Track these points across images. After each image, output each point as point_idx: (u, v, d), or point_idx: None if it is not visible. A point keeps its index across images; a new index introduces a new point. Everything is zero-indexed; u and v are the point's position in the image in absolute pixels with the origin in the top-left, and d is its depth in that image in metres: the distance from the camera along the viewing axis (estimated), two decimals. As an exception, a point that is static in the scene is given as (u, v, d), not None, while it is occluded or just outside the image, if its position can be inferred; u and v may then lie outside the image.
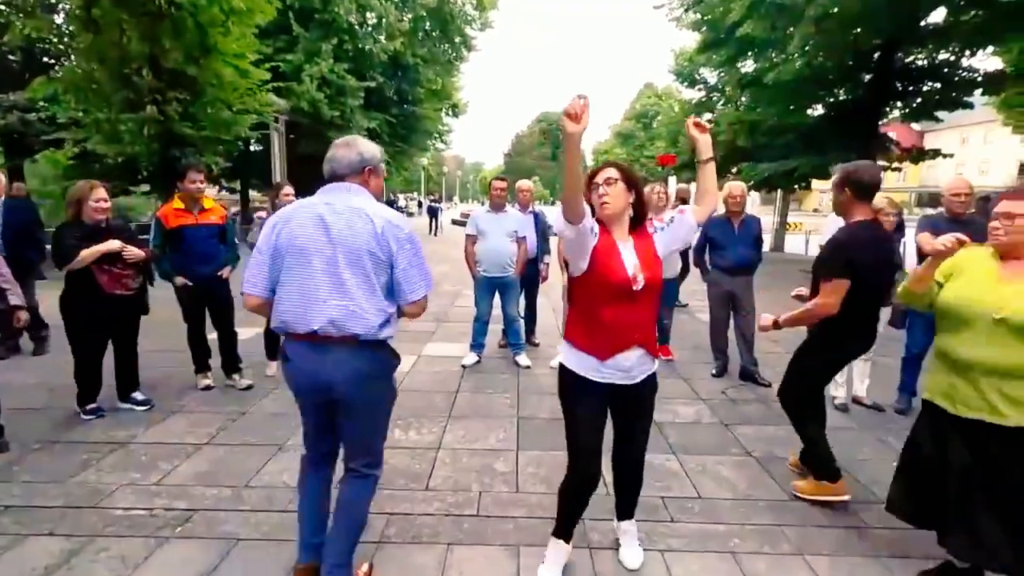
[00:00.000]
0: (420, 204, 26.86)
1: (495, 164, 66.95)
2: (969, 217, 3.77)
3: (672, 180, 20.15)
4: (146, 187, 12.90)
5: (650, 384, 2.11)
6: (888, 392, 4.13)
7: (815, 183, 16.15)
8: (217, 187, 20.00)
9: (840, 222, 5.23)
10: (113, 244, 3.48)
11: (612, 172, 1.99)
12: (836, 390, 4.10)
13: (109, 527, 2.48)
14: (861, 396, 4.16)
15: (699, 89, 18.40)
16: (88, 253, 3.39)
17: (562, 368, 2.10)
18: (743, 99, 15.35)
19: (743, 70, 14.21)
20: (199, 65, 9.51)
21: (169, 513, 2.60)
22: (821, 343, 2.76)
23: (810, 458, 2.91)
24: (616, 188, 1.96)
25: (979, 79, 11.34)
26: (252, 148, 17.50)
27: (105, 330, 3.67)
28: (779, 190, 17.36)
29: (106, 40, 8.95)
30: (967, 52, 10.80)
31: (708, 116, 18.04)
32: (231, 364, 4.34)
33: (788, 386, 2.90)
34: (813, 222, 19.74)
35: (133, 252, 3.56)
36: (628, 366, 2.00)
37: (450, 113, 25.22)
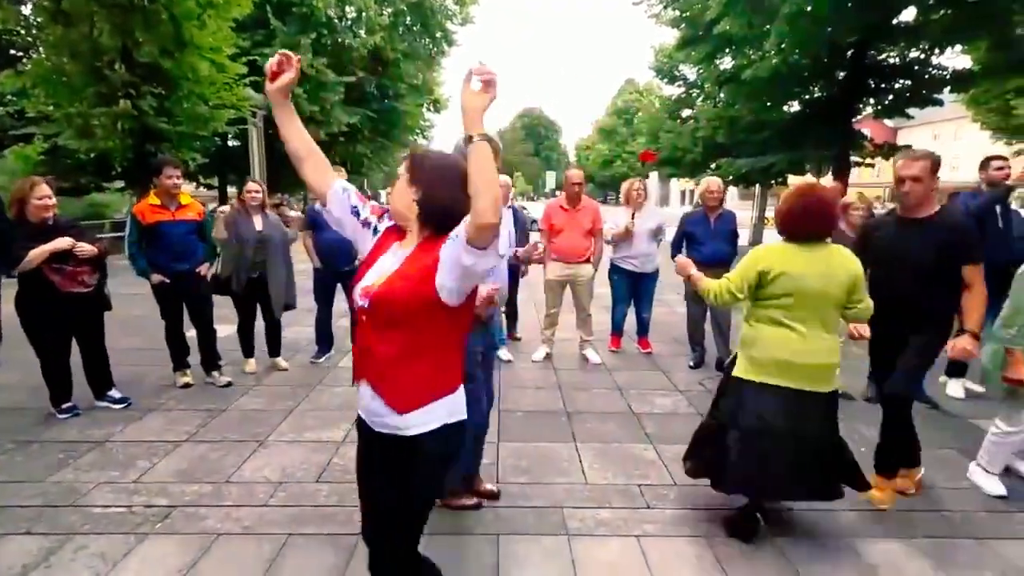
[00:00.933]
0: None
1: (477, 160, 66.95)
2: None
3: (654, 176, 20.35)
4: (120, 183, 12.66)
5: (394, 445, 1.46)
6: (859, 380, 4.26)
7: (791, 178, 16.42)
8: (195, 183, 19.66)
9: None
10: (62, 242, 3.36)
11: (402, 167, 1.55)
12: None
13: (87, 525, 2.47)
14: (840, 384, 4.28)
15: (679, 85, 18.58)
16: (36, 253, 3.26)
17: None
18: (722, 95, 15.51)
19: (721, 67, 14.36)
20: (174, 59, 9.36)
21: (148, 510, 2.59)
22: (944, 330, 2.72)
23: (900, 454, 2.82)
24: (399, 184, 1.52)
25: (948, 77, 11.64)
26: (230, 143, 17.23)
27: (63, 329, 3.59)
28: (757, 185, 17.63)
29: (76, 32, 8.77)
30: (936, 50, 11.06)
31: (688, 112, 18.27)
32: (210, 361, 4.31)
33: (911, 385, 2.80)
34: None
35: (84, 248, 3.45)
36: (363, 405, 1.51)
37: (431, 109, 25.11)
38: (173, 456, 3.14)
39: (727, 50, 13.53)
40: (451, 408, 1.50)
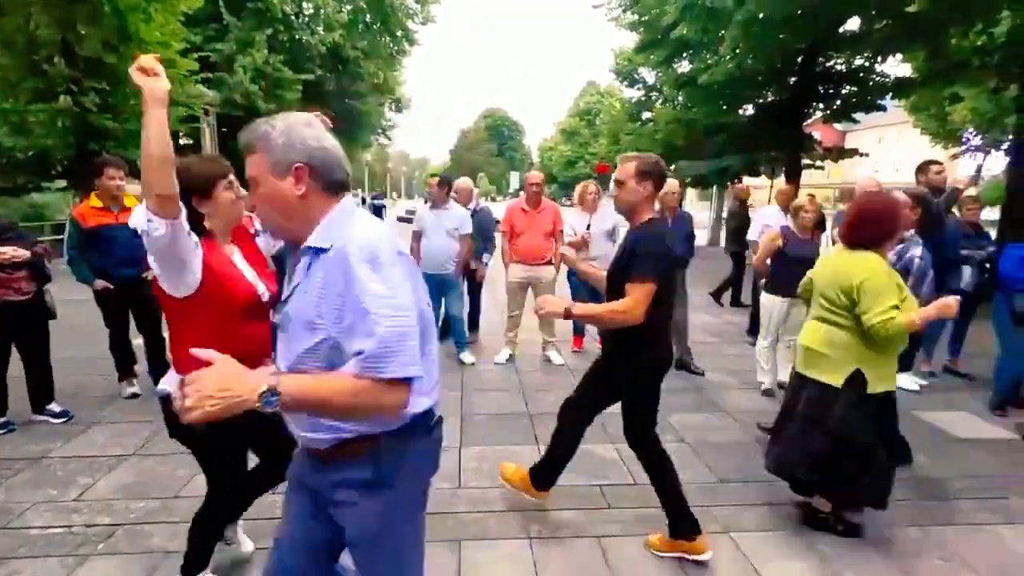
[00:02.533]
0: (364, 201, 26.14)
1: (441, 160, 66.46)
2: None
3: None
4: (62, 183, 12.03)
5: None
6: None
7: (746, 180, 16.94)
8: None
9: (773, 215, 5.52)
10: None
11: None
12: (762, 376, 4.35)
13: (22, 548, 2.33)
14: (785, 380, 4.43)
15: (638, 88, 18.92)
16: None
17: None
18: (680, 99, 15.88)
19: (679, 70, 14.70)
20: (118, 53, 8.94)
21: (90, 530, 2.46)
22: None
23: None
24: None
25: (890, 84, 12.23)
26: (182, 142, 16.60)
27: (1, 340, 3.40)
28: (715, 187, 18.11)
29: (11, 24, 8.28)
30: (879, 58, 11.61)
31: (648, 114, 18.60)
32: (160, 369, 4.12)
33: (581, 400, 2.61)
34: (746, 217, 20.66)
35: (14, 253, 3.24)
36: None
37: (393, 108, 24.81)
38: (118, 471, 2.99)
39: (684, 54, 13.85)
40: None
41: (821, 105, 13.49)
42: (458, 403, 4.05)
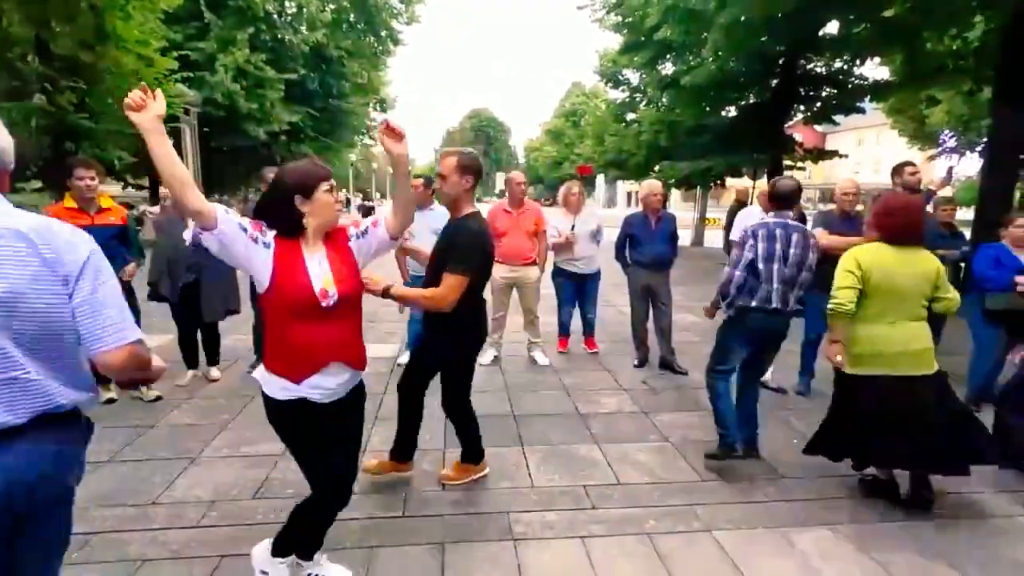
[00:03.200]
0: (348, 202, 25.59)
1: (427, 160, 66.22)
2: (856, 213, 4.17)
3: (601, 178, 20.74)
4: (37, 183, 11.77)
5: (353, 398, 2.04)
6: (790, 376, 4.47)
7: (729, 180, 17.13)
8: (122, 183, 18.52)
9: (756, 215, 5.60)
10: None
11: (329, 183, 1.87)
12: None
13: (-8, 559, 2.26)
14: (766, 380, 4.48)
15: (623, 90, 18.99)
16: None
17: (264, 396, 1.94)
18: (664, 100, 16.00)
19: (663, 72, 14.81)
20: (95, 52, 8.77)
21: (64, 538, 2.40)
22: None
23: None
24: (330, 198, 1.90)
25: (868, 86, 12.46)
26: (161, 142, 16.35)
27: None
28: (698, 187, 18.28)
29: (-18, 21, 8.08)
30: (858, 61, 11.82)
31: (632, 116, 18.71)
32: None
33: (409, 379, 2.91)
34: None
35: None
36: (330, 385, 1.89)
37: (378, 108, 24.62)
38: (93, 478, 2.92)
39: (668, 56, 13.96)
40: None
41: (802, 107, 13.71)
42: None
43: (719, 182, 16.43)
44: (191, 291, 4.13)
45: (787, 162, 14.05)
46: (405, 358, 4.94)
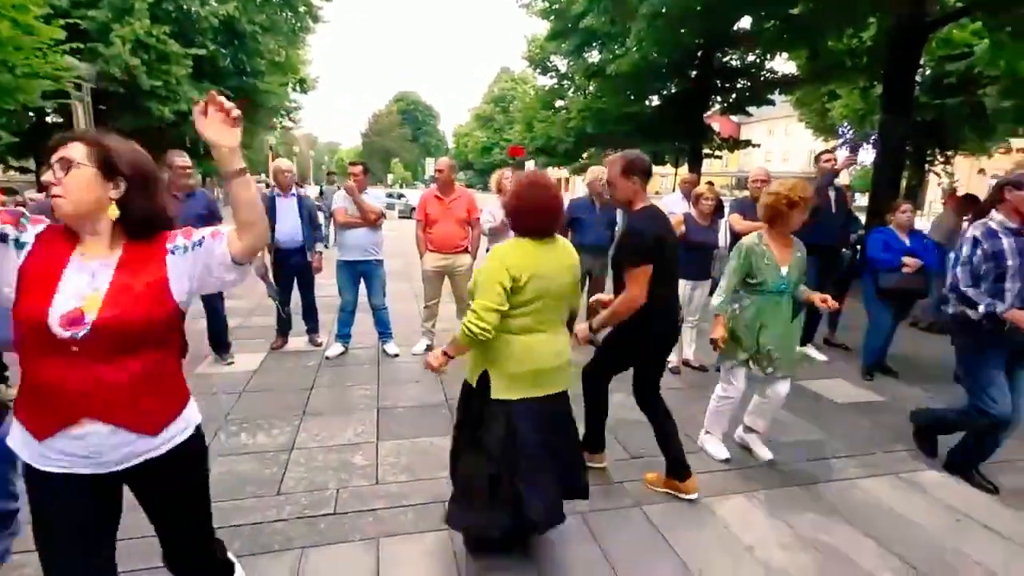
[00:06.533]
0: (268, 186, 24.00)
1: (352, 144, 63.78)
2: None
3: (530, 164, 20.86)
4: None
5: (151, 471, 1.37)
6: (712, 354, 4.71)
7: (653, 168, 17.74)
8: (1, 165, 16.58)
9: (677, 202, 5.81)
10: None
11: (74, 150, 1.25)
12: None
13: None
14: (689, 358, 4.73)
15: (551, 76, 19.13)
16: None
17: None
18: (591, 88, 16.26)
19: (589, 60, 15.03)
20: (-39, 17, 7.71)
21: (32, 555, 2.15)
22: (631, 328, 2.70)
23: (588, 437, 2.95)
24: (79, 175, 1.25)
25: (777, 80, 13.28)
26: (49, 120, 14.74)
27: None
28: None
29: None
30: (768, 56, 12.56)
31: (560, 103, 18.90)
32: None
33: (597, 368, 2.95)
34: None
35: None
36: (85, 448, 1.28)
37: (297, 88, 23.40)
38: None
39: (594, 44, 14.19)
40: (192, 405, 1.51)
41: (719, 98, 14.39)
42: (375, 397, 3.95)
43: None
44: None
45: (706, 150, 14.74)
46: (333, 351, 4.79)
